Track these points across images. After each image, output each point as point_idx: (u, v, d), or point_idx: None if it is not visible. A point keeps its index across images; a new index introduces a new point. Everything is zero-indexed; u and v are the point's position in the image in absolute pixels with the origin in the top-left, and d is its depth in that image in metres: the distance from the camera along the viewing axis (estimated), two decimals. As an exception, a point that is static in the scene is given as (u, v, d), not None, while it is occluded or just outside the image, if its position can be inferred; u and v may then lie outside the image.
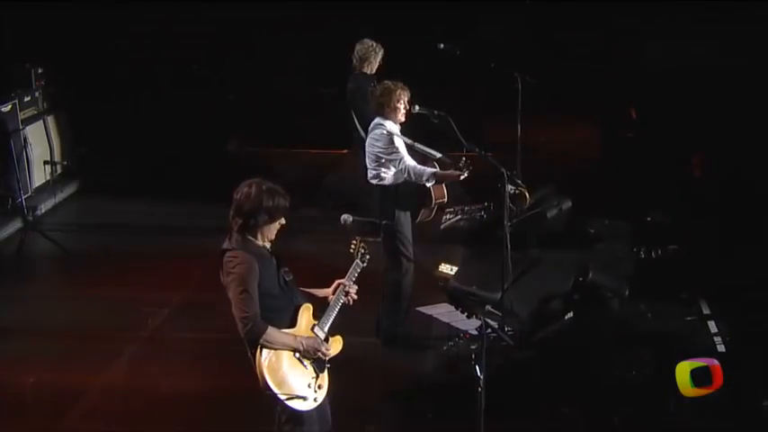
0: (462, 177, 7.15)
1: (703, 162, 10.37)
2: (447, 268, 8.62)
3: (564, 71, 12.44)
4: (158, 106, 12.52)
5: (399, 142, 7.18)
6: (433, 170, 7.14)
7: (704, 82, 11.34)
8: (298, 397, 4.87)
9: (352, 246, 5.37)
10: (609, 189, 11.02)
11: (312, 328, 5.06)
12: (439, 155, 7.18)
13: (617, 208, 9.75)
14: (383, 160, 7.19)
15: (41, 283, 9.05)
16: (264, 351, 4.84)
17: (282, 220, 5.03)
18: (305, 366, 4.96)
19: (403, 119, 7.23)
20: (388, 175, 7.26)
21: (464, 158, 7.06)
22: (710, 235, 8.68)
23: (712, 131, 10.80)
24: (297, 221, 9.82)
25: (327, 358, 5.07)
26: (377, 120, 7.23)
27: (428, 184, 7.15)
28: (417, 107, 7.24)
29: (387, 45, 9.09)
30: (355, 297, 5.24)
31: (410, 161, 7.13)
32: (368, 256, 5.35)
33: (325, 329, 5.10)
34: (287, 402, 4.85)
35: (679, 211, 9.17)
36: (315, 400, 4.96)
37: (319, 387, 4.99)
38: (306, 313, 5.07)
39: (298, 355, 4.94)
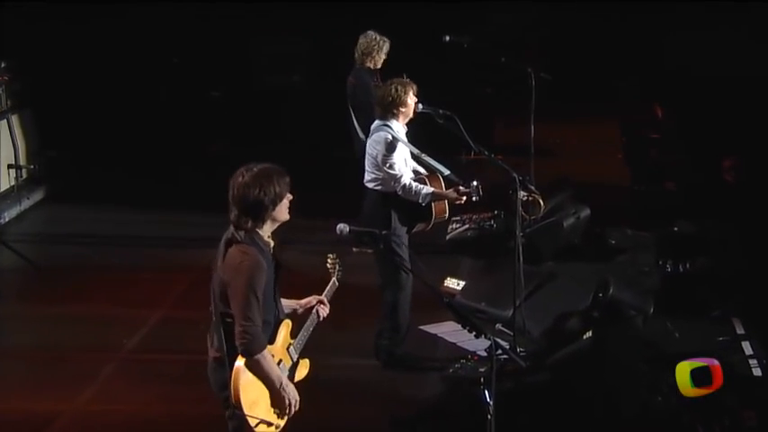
0: (461, 202, 7.18)
1: (736, 166, 10.41)
2: (453, 283, 8.67)
3: (582, 66, 12.56)
4: (135, 104, 12.57)
5: (401, 151, 7.20)
6: (431, 190, 7.17)
7: (737, 80, 11.42)
8: (264, 422, 4.99)
9: (329, 261, 5.48)
10: (632, 196, 11.09)
11: (288, 348, 5.19)
12: (447, 172, 7.19)
13: (640, 217, 9.82)
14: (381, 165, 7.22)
15: (5, 299, 9.05)
16: (244, 366, 4.93)
17: (289, 197, 5.06)
18: None
19: (412, 114, 7.27)
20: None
21: (475, 183, 7.09)
22: (743, 246, 8.72)
23: (746, 133, 10.85)
24: (286, 230, 10.01)
25: (294, 380, 5.20)
26: (381, 121, 7.26)
27: (423, 204, 7.18)
28: (421, 106, 7.29)
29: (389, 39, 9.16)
30: (324, 317, 5.33)
31: (405, 179, 7.16)
32: (340, 273, 5.48)
33: (298, 352, 5.23)
34: (253, 426, 4.96)
35: (709, 221, 9.20)
36: (277, 427, 5.08)
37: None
38: (284, 330, 5.18)
39: None
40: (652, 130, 12.28)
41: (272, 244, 5.09)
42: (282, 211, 5.05)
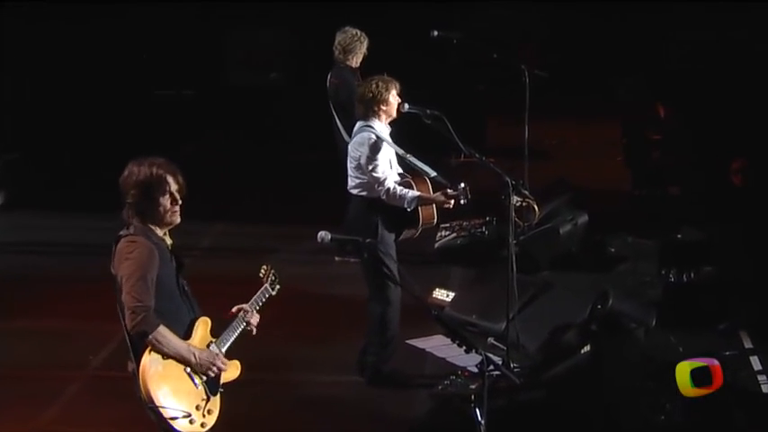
0: (450, 206, 7.23)
1: (744, 168, 10.47)
2: (442, 294, 8.70)
3: (581, 65, 12.65)
4: (102, 104, 12.57)
5: (386, 153, 7.24)
6: (417, 194, 7.20)
7: (746, 77, 11.49)
8: (185, 416, 5.01)
9: (262, 271, 5.57)
10: (632, 201, 11.14)
11: (208, 345, 5.24)
12: (434, 173, 7.22)
13: (642, 223, 9.86)
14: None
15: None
16: (151, 359, 4.99)
17: (179, 201, 5.17)
18: (195, 385, 5.12)
19: (395, 114, 7.31)
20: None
21: (463, 185, 7.14)
22: (751, 253, 8.77)
23: (756, 133, 10.91)
24: (267, 239, 10.04)
25: (222, 381, 5.22)
26: (363, 122, 7.30)
27: (409, 209, 7.22)
28: (407, 105, 7.32)
29: (372, 36, 9.21)
30: (255, 324, 5.38)
31: (389, 182, 7.20)
32: (278, 286, 5.55)
33: (223, 350, 5.28)
34: (170, 421, 4.99)
35: (714, 227, 9.26)
36: (202, 425, 5.11)
37: (209, 412, 5.14)
38: (202, 327, 5.24)
39: (188, 370, 5.11)
40: (654, 131, 12.33)
41: (168, 242, 5.21)
42: (170, 213, 5.14)
